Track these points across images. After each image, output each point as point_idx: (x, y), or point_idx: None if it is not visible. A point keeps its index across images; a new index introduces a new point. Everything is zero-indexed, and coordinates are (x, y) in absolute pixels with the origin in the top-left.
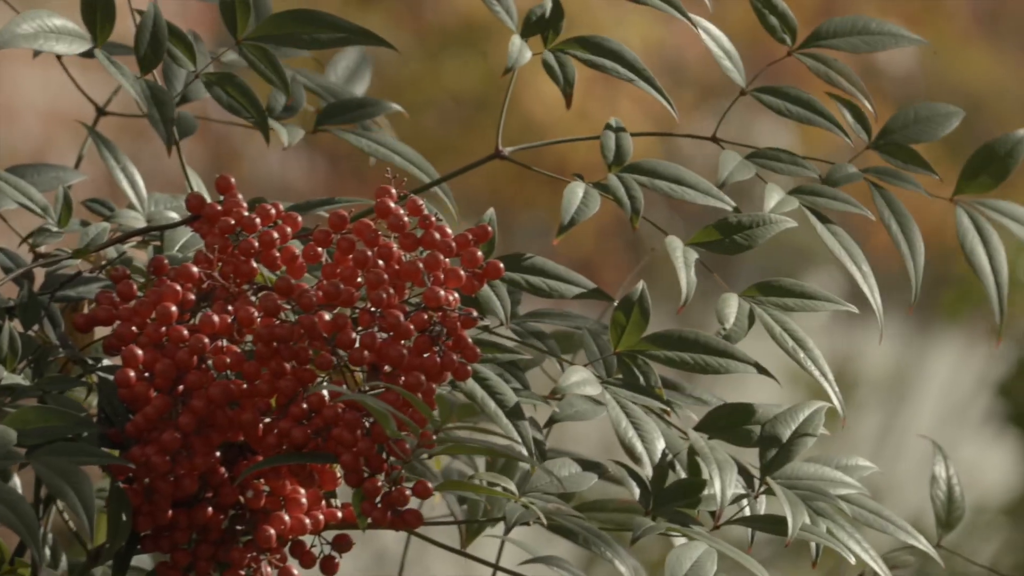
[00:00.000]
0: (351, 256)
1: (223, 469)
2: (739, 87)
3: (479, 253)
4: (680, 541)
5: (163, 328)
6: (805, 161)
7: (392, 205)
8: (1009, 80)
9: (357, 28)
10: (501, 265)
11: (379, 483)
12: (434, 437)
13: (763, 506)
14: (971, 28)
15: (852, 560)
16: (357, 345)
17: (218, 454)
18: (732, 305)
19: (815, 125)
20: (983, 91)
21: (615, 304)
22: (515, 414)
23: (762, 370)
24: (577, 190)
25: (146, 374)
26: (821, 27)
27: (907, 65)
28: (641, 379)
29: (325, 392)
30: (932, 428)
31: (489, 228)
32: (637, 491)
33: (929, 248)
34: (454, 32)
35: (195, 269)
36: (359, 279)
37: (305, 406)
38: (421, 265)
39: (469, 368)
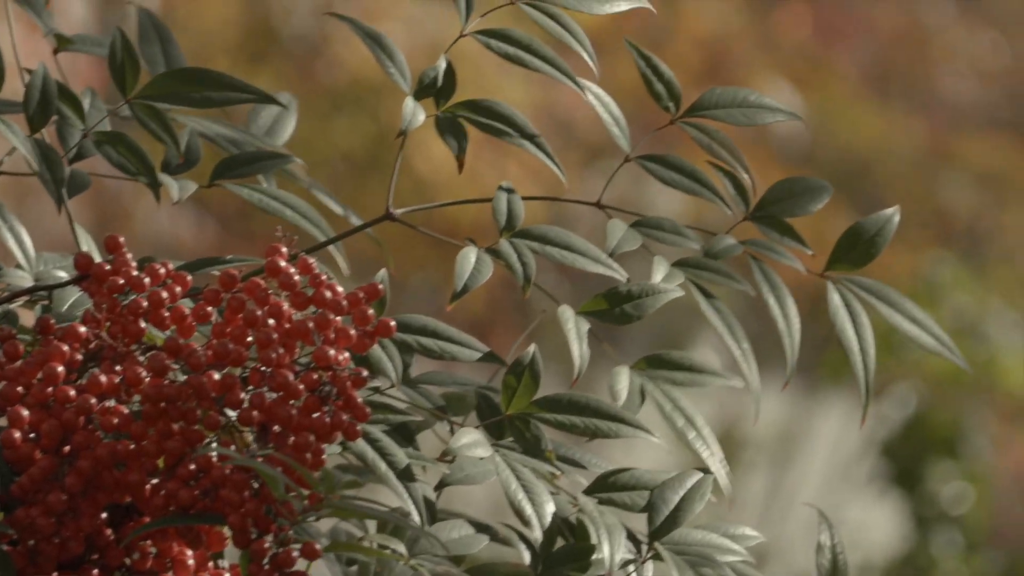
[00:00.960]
0: (241, 315)
1: (109, 531)
2: (625, 154)
3: (370, 312)
4: None
5: (49, 388)
6: (688, 231)
7: (282, 264)
8: (896, 139)
9: (247, 87)
10: (393, 324)
11: (267, 544)
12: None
13: (651, 571)
14: (860, 88)
15: None
16: (246, 405)
17: (104, 515)
18: (623, 380)
19: (697, 195)
20: (871, 149)
21: (506, 367)
22: (405, 476)
23: (652, 434)
24: (470, 256)
25: (32, 435)
26: (703, 97)
27: (796, 124)
28: (532, 442)
29: (213, 453)
30: (819, 488)
31: (380, 287)
32: (527, 554)
33: (820, 305)
34: (345, 92)
35: (83, 329)
36: (249, 339)
37: (193, 467)
38: (312, 324)
39: (359, 428)
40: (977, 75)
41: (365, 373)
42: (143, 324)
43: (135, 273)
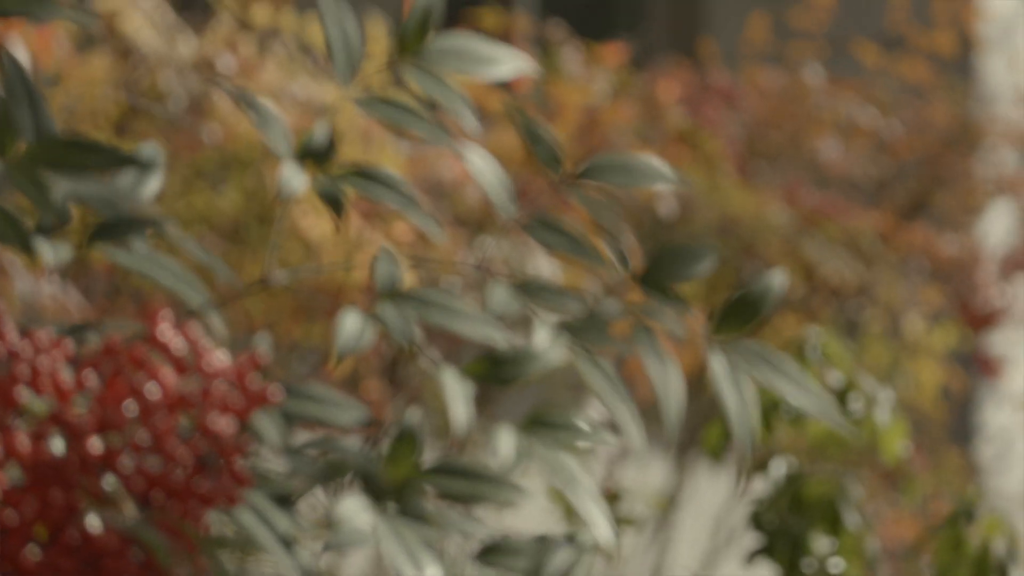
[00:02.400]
0: (123, 382)
1: None
2: (510, 218)
3: (253, 379)
4: None
5: None
6: (572, 294)
7: (163, 329)
8: (771, 210)
9: (123, 154)
10: (274, 392)
11: None
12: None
13: None
14: (733, 168)
15: None
16: (128, 472)
17: None
18: (508, 440)
19: (580, 259)
20: (746, 220)
21: (389, 432)
22: (286, 542)
23: (533, 497)
24: (351, 319)
25: None
26: (588, 162)
27: (678, 197)
28: (414, 507)
29: (95, 521)
30: (698, 555)
31: (262, 353)
32: None
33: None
34: (227, 153)
35: None
36: (131, 405)
37: (75, 535)
38: (194, 391)
39: (241, 495)
40: (853, 147)
41: (248, 440)
42: (23, 391)
43: (15, 340)
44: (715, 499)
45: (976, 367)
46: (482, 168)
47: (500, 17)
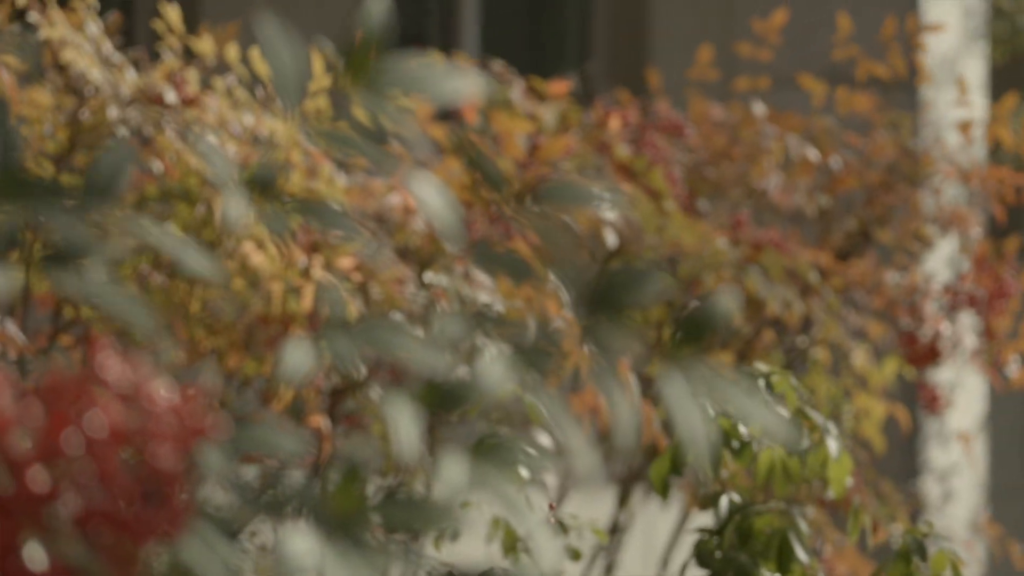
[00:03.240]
0: (66, 414)
1: None
2: (455, 248)
3: (197, 410)
4: None
5: None
6: (519, 322)
7: (107, 361)
8: (710, 241)
9: (70, 193)
10: (219, 423)
11: None
12: None
13: None
14: (678, 200)
15: None
16: (71, 504)
17: None
18: (454, 470)
19: (525, 284)
20: (690, 248)
21: (334, 464)
22: (232, 574)
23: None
24: (296, 350)
25: None
26: (535, 189)
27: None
28: (359, 536)
29: (37, 553)
30: None
31: (207, 385)
32: None
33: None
34: (172, 185)
35: None
36: (74, 437)
37: (16, 567)
38: (138, 423)
39: (185, 527)
40: (798, 180)
41: (192, 472)
42: None
43: None
44: (662, 532)
45: (920, 402)
46: (429, 198)
47: (443, 56)
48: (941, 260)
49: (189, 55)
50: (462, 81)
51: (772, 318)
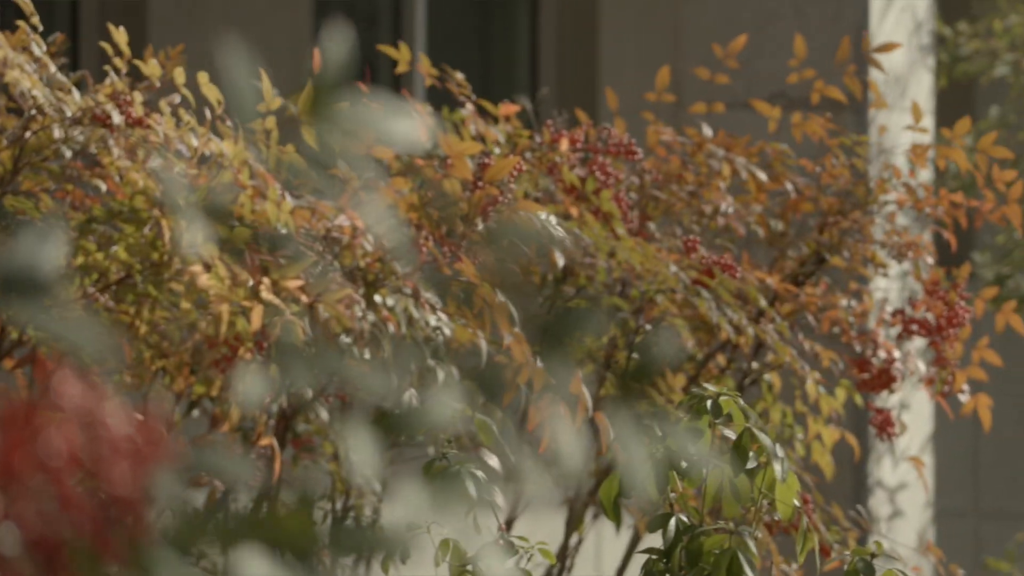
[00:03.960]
0: (28, 440)
1: None
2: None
3: (151, 434)
4: None
5: None
6: (469, 348)
7: (62, 386)
8: (662, 265)
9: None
10: (174, 447)
11: None
12: None
13: None
14: (629, 223)
15: None
16: (26, 528)
17: None
18: (403, 493)
19: (472, 313)
20: (641, 272)
21: (285, 488)
22: None
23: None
24: (249, 375)
25: None
26: (485, 211)
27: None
28: (312, 563)
29: None
30: None
31: (160, 409)
32: None
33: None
34: (118, 207)
35: None
36: (29, 462)
37: None
38: (92, 447)
39: (139, 550)
40: (751, 204)
41: (146, 496)
42: None
43: None
44: (613, 553)
45: (871, 426)
46: (378, 219)
47: (408, 57)
48: (893, 286)
49: (135, 76)
50: (412, 124)
51: (724, 342)
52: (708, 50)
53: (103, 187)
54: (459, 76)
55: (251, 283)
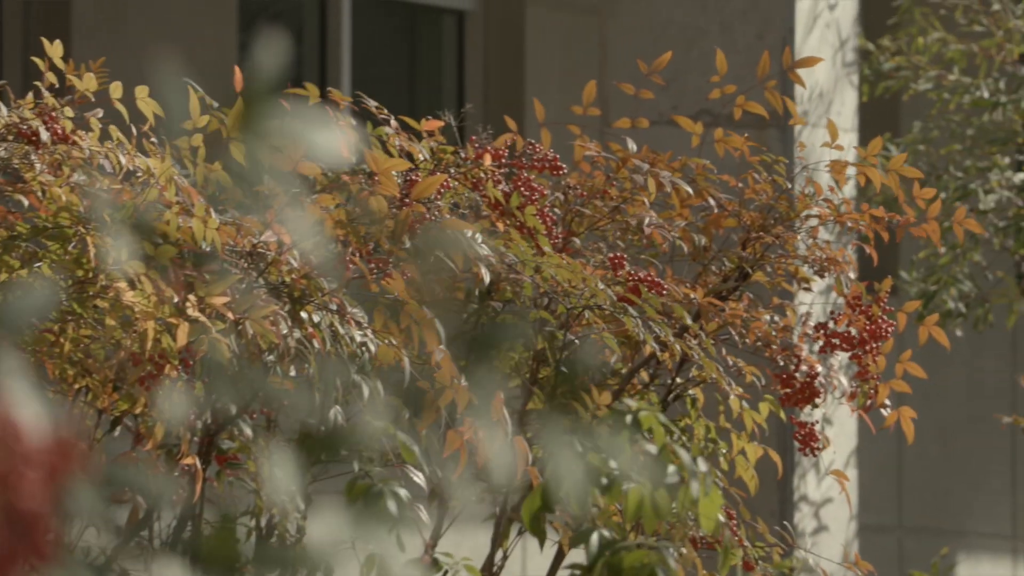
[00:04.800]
0: None
1: None
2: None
3: (68, 451)
4: None
5: None
6: (393, 365)
7: None
8: (587, 280)
9: None
10: (91, 464)
11: None
12: None
13: None
14: (554, 238)
15: None
16: None
17: None
18: (327, 511)
19: (404, 321)
20: (567, 287)
21: (209, 506)
22: None
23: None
24: (172, 393)
25: None
26: (411, 228)
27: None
28: None
29: None
30: None
31: (78, 426)
32: None
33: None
34: (43, 223)
35: None
36: None
37: None
38: (7, 464)
39: (53, 567)
40: (675, 219)
41: (63, 513)
42: None
43: None
44: (538, 569)
45: (794, 441)
46: (305, 237)
47: (318, 93)
48: (816, 300)
49: (60, 92)
50: (338, 136)
51: (649, 357)
52: (635, 66)
53: (25, 203)
54: (374, 103)
55: (176, 300)
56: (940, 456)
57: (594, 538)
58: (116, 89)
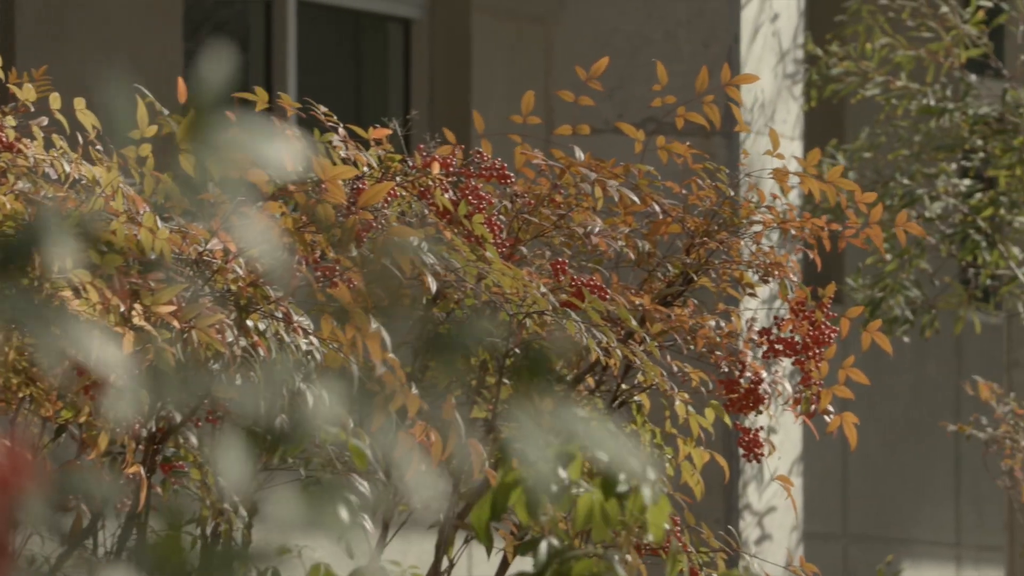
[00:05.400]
0: None
1: None
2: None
3: (17, 461)
4: None
5: None
6: (342, 370)
7: None
8: (531, 287)
9: None
10: (40, 473)
11: None
12: None
13: None
14: (499, 245)
15: None
16: None
17: None
18: (273, 517)
19: (351, 328)
20: (511, 294)
21: (153, 511)
22: None
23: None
24: (119, 399)
25: None
26: (358, 236)
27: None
28: None
29: None
30: None
31: (26, 435)
32: None
33: None
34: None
35: None
36: None
37: None
38: None
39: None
40: (619, 226)
41: (12, 522)
42: None
43: None
44: None
45: (740, 447)
46: (251, 245)
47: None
48: (760, 306)
49: (3, 100)
50: (286, 147)
51: (594, 364)
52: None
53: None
54: (323, 108)
55: (122, 309)
56: (885, 464)
57: (543, 547)
58: (55, 100)
